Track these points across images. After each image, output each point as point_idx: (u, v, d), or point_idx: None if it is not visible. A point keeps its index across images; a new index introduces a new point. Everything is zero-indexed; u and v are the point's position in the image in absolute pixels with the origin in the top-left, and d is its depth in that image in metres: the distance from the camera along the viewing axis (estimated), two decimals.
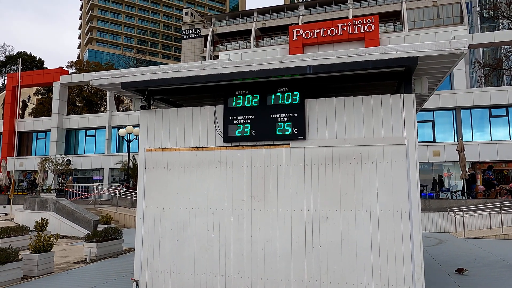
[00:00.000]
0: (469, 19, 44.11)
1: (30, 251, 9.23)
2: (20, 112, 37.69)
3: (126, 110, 43.82)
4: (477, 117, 24.11)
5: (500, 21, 37.09)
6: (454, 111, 24.35)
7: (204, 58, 56.07)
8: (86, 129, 33.32)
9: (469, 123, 24.11)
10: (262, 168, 6.66)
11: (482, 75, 33.15)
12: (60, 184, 29.43)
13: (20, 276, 8.48)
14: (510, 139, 23.11)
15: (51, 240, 9.45)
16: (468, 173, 20.17)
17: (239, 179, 6.75)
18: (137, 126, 22.65)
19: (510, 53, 32.26)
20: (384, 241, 5.97)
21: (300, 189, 6.43)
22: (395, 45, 5.79)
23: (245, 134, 6.71)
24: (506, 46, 30.93)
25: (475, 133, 23.99)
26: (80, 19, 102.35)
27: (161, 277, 6.89)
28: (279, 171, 6.57)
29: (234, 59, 27.79)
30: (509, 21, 34.90)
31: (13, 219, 21.03)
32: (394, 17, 49.56)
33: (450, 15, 46.54)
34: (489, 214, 16.38)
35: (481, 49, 34.46)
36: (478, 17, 40.55)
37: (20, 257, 8.55)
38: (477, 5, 41.04)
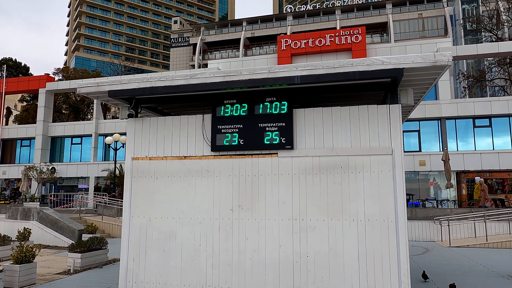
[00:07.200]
0: (453, 32, 45.21)
1: (11, 262, 8.99)
2: (4, 119, 36.98)
3: (113, 117, 43.33)
4: (461, 127, 24.55)
5: (483, 34, 38.04)
6: (439, 121, 24.75)
7: (193, 66, 56.13)
8: (72, 136, 32.83)
9: (454, 133, 24.52)
10: (250, 177, 6.65)
11: (466, 86, 33.85)
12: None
13: None
14: (493, 149, 23.56)
15: (34, 250, 9.23)
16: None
17: (227, 188, 6.73)
18: (124, 134, 22.44)
19: (493, 65, 33.03)
20: (371, 250, 6.00)
21: (287, 198, 6.44)
22: (381, 57, 5.89)
23: (233, 143, 6.70)
24: (489, 58, 31.66)
25: (460, 142, 24.40)
26: (67, 25, 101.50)
27: None
28: (267, 180, 6.57)
29: (222, 68, 27.86)
30: (491, 34, 35.81)
31: None
32: (380, 29, 50.54)
33: (435, 27, 47.68)
34: (474, 223, 16.61)
35: (465, 60, 35.23)
36: (462, 30, 41.52)
37: (0, 268, 8.32)
38: (461, 18, 42.05)
